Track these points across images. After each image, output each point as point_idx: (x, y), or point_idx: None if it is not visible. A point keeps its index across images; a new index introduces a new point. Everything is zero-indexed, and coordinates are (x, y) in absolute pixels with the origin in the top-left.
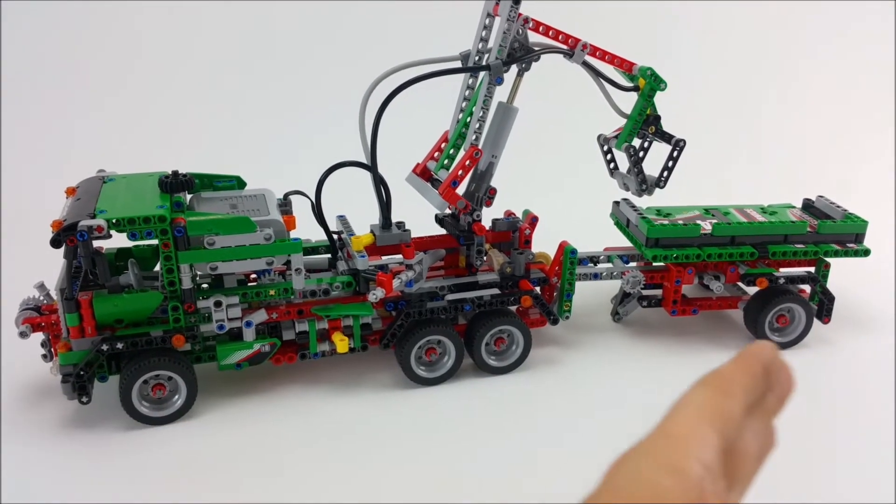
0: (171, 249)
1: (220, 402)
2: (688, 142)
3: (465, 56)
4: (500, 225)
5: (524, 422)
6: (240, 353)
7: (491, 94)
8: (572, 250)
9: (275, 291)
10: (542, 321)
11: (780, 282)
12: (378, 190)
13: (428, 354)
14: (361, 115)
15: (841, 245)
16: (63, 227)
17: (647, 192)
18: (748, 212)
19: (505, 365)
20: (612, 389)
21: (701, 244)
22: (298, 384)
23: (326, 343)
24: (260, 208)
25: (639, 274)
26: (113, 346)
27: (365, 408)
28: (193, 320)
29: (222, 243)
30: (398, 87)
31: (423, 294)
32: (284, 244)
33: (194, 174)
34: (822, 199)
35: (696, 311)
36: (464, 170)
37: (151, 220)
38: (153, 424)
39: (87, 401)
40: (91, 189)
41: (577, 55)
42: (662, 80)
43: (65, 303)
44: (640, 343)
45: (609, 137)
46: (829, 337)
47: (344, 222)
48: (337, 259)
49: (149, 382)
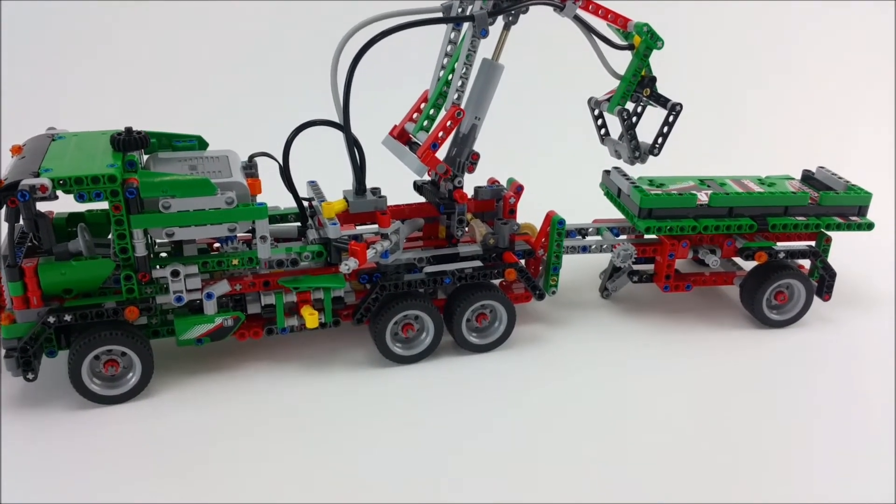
0: (123, 213)
1: (178, 381)
2: (685, 106)
3: (448, 7)
4: (483, 193)
5: (506, 402)
6: (200, 327)
7: (475, 48)
8: (560, 221)
9: (238, 261)
10: (527, 296)
11: (779, 256)
12: (351, 152)
13: (405, 330)
14: (333, 69)
15: (844, 218)
16: (3, 187)
17: (640, 160)
18: (745, 183)
19: (487, 342)
20: (599, 369)
21: (697, 216)
22: (264, 362)
23: (295, 318)
24: (222, 170)
25: (630, 247)
26: (60, 318)
27: (336, 387)
28: (149, 291)
29: (179, 207)
30: (373, 37)
31: (400, 266)
32: (248, 209)
33: (151, 133)
34: (823, 171)
35: (689, 286)
36: (445, 131)
37: (101, 180)
38: (105, 404)
39: (32, 377)
40: (38, 147)
41: (569, 8)
42: (659, 38)
43: (7, 270)
44: (631, 321)
45: (600, 100)
46: (830, 315)
47: (315, 188)
48: (307, 227)
49: (100, 358)
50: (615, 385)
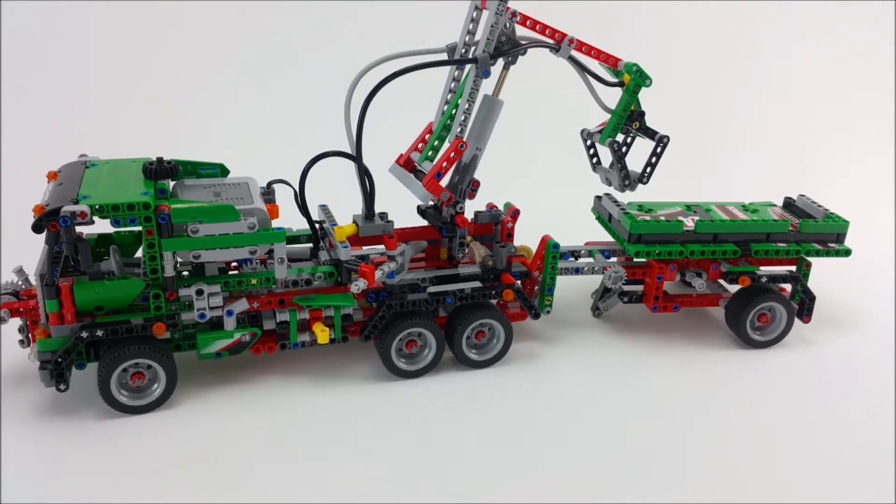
0: (155, 237)
1: (199, 392)
2: (671, 138)
3: (452, 48)
4: (483, 218)
5: (504, 416)
6: (220, 342)
7: (477, 86)
8: (554, 244)
9: (257, 280)
10: (524, 315)
11: (761, 280)
12: (362, 181)
13: (409, 347)
14: (347, 105)
15: (822, 245)
16: (46, 213)
17: (630, 188)
18: (730, 209)
19: (485, 359)
20: (591, 385)
21: (683, 241)
22: (278, 374)
23: (307, 333)
24: (243, 196)
25: (620, 269)
26: (93, 333)
27: (344, 399)
28: (174, 308)
29: (206, 231)
30: (384, 78)
31: (405, 286)
32: (268, 233)
33: (177, 161)
34: (804, 199)
35: (677, 307)
36: (448, 162)
37: (136, 207)
38: (131, 413)
39: (64, 388)
40: (73, 174)
41: (564, 49)
42: (648, 77)
43: (45, 289)
44: (621, 339)
45: (593, 132)
46: (810, 336)
47: (326, 212)
48: (319, 249)
49: (128, 371)
50: (606, 400)
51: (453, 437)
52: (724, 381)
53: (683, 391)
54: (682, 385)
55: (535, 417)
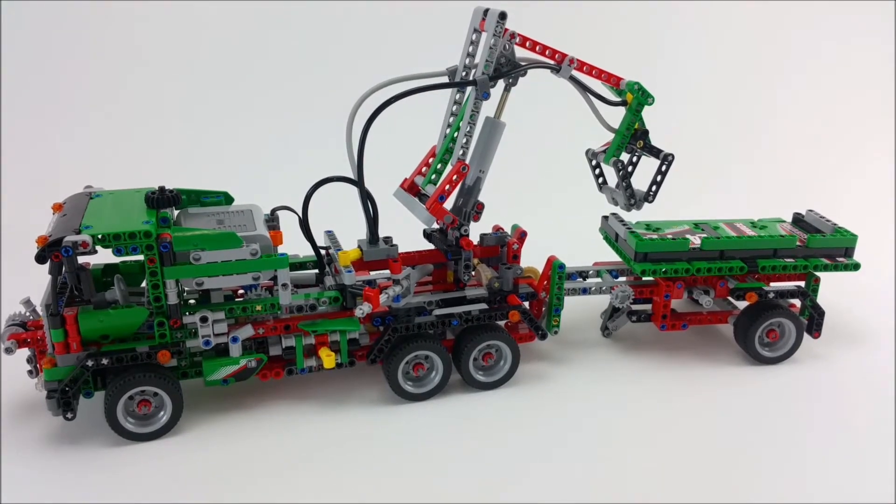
0: (157, 265)
1: (205, 418)
2: (676, 156)
3: (452, 71)
4: (488, 240)
5: (513, 438)
6: (226, 368)
7: (478, 109)
8: (560, 265)
9: (261, 307)
10: (531, 336)
11: (769, 296)
12: (365, 205)
13: (415, 370)
14: (348, 130)
15: (831, 259)
16: (48, 243)
17: (636, 207)
18: (738, 226)
19: (493, 380)
20: (601, 405)
21: (690, 258)
22: (285, 400)
23: (313, 358)
24: (247, 224)
25: (628, 289)
26: (98, 361)
27: (352, 423)
28: (179, 336)
29: (208, 259)
30: (385, 102)
31: (411, 309)
32: (271, 259)
33: (181, 190)
34: (812, 214)
35: (685, 325)
36: (451, 185)
37: (137, 236)
38: (138, 441)
39: (71, 417)
40: (77, 205)
41: (564, 70)
42: (650, 95)
43: (50, 319)
44: (630, 358)
45: (597, 152)
46: (820, 352)
47: (331, 237)
48: (324, 274)
49: (134, 398)
50: (616, 420)
51: (462, 460)
52: (734, 399)
53: (694, 409)
54: (692, 403)
55: (544, 439)
